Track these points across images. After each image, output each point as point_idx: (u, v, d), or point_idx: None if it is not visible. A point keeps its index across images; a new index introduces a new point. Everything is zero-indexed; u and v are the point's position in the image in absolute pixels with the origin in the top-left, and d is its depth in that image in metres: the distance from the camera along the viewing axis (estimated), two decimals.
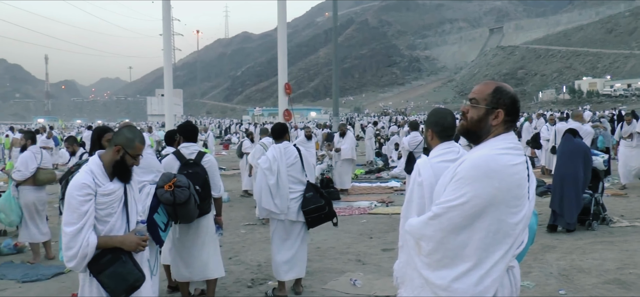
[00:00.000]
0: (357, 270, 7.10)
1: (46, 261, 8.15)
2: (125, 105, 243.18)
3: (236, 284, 6.67)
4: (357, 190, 14.79)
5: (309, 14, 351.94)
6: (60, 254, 3.69)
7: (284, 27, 13.37)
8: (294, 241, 6.06)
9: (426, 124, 3.20)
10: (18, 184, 7.99)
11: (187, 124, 5.89)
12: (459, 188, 2.36)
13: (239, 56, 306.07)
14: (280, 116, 13.23)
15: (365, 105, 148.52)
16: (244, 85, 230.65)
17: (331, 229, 9.48)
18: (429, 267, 2.47)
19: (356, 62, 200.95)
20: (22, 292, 6.74)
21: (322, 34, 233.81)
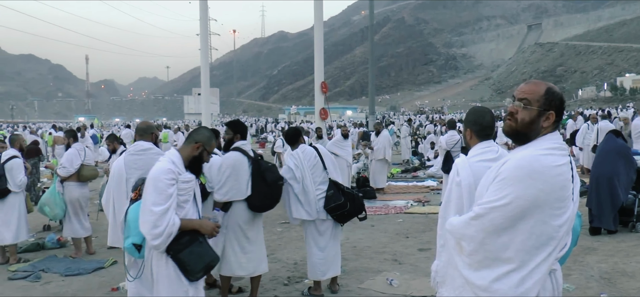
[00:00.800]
0: (394, 270, 7.06)
1: (87, 256, 8.34)
2: (162, 104, 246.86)
3: (272, 282, 6.71)
4: (393, 189, 14.71)
5: (345, 12, 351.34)
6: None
7: (320, 26, 13.38)
8: (327, 239, 6.04)
9: (465, 123, 3.16)
10: (63, 180, 8.21)
11: (241, 122, 5.99)
12: (502, 189, 2.32)
13: (275, 55, 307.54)
14: (317, 115, 13.26)
15: (401, 104, 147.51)
16: (280, 84, 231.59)
17: (367, 228, 9.49)
18: (470, 267, 2.44)
19: (392, 60, 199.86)
20: (65, 286, 6.91)
21: (359, 33, 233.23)
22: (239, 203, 5.52)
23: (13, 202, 8.06)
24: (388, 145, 14.69)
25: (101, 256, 8.29)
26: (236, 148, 5.59)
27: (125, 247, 3.74)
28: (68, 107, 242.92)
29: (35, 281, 7.15)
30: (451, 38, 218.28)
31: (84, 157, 8.40)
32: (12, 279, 7.27)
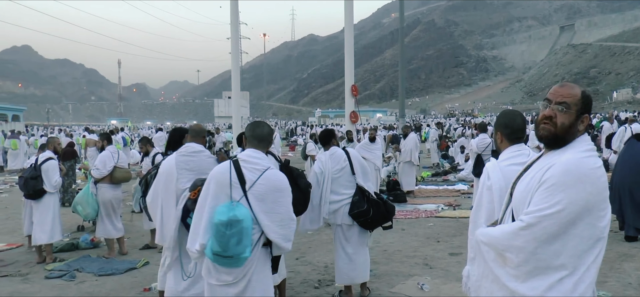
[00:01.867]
0: (425, 274, 7.00)
1: (120, 256, 8.49)
2: (193, 107, 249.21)
3: (303, 285, 6.72)
4: (423, 192, 14.62)
5: (375, 15, 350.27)
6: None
7: (351, 28, 13.35)
8: (354, 245, 6.00)
9: (495, 127, 3.13)
10: (96, 182, 8.38)
11: None
12: (552, 196, 2.27)
13: (305, 58, 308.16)
14: (347, 118, 13.22)
15: (431, 107, 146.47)
16: (310, 88, 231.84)
17: (398, 232, 9.45)
18: (517, 279, 2.36)
19: (422, 63, 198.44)
20: (98, 285, 7.04)
21: (389, 35, 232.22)
22: None
23: (48, 203, 8.26)
24: (415, 148, 14.60)
25: (134, 256, 8.42)
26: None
27: (211, 256, 3.47)
28: (101, 110, 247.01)
29: (70, 280, 7.30)
30: (482, 40, 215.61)
31: (117, 160, 8.58)
32: (49, 278, 7.44)
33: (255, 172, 3.60)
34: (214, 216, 3.43)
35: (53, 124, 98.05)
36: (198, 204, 3.60)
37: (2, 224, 11.74)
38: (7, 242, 9.82)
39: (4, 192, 17.16)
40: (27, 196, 8.33)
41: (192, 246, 3.56)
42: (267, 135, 3.86)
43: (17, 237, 10.24)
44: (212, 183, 3.57)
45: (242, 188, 3.53)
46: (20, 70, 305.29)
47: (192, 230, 3.61)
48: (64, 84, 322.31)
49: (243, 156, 3.70)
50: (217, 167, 3.70)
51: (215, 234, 3.38)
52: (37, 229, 8.21)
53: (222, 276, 3.50)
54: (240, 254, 3.40)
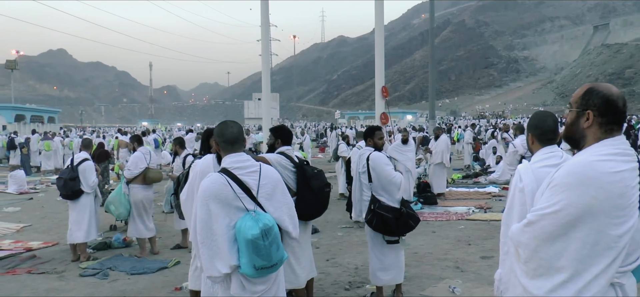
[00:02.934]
0: (456, 277, 6.94)
1: (152, 256, 8.60)
2: (223, 109, 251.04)
3: (333, 286, 6.72)
4: (454, 195, 14.50)
5: (405, 16, 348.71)
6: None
7: (381, 30, 13.31)
8: (383, 246, 5.97)
9: (527, 128, 3.09)
10: (128, 182, 8.51)
11: (284, 127, 5.98)
12: (553, 196, 2.26)
13: (334, 60, 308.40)
14: (377, 120, 13.19)
15: (461, 108, 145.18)
16: (340, 89, 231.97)
17: (428, 234, 9.40)
18: (527, 275, 2.39)
19: (452, 64, 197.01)
20: (131, 284, 7.14)
21: (418, 37, 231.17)
22: None
23: (85, 203, 8.44)
24: (446, 149, 14.47)
25: (165, 256, 8.52)
26: (281, 153, 5.57)
27: (254, 272, 3.34)
28: (132, 112, 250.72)
29: (104, 278, 7.43)
30: (513, 40, 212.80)
31: (149, 161, 8.72)
32: (83, 276, 7.59)
33: (253, 176, 3.48)
34: (242, 232, 3.27)
35: (86, 126, 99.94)
36: (200, 227, 3.30)
37: (39, 222, 12.00)
38: (43, 241, 10.03)
39: (40, 192, 17.54)
40: (65, 196, 8.50)
41: (215, 271, 3.29)
42: (239, 135, 3.60)
43: (53, 235, 10.47)
44: (213, 202, 3.30)
45: (250, 195, 3.42)
46: (55, 73, 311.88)
47: (208, 255, 3.28)
48: (97, 86, 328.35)
49: (232, 163, 3.47)
50: (208, 184, 3.36)
51: (253, 249, 3.24)
52: (74, 228, 8.39)
53: (258, 287, 3.41)
54: (281, 258, 3.38)
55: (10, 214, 13.16)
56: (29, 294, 6.85)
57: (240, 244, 3.28)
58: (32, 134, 28.45)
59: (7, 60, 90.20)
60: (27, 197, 16.40)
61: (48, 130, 41.27)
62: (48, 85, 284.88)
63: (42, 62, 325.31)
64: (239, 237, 3.28)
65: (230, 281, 3.35)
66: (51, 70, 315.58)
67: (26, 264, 8.38)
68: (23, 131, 42.01)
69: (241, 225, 3.28)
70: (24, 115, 67.64)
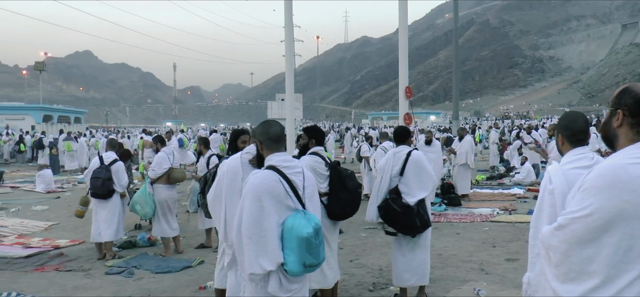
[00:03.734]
0: (481, 279, 6.87)
1: (176, 255, 8.67)
2: (246, 109, 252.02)
3: (358, 287, 6.70)
4: (478, 196, 14.36)
5: (429, 16, 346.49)
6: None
7: (405, 29, 13.23)
8: (412, 246, 5.93)
9: (557, 129, 3.03)
10: (153, 182, 8.59)
11: (317, 127, 5.99)
12: (584, 199, 2.21)
13: (358, 60, 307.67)
14: (401, 120, 13.11)
15: (485, 109, 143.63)
16: (363, 89, 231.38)
17: (453, 236, 9.34)
18: (557, 278, 2.34)
19: (476, 64, 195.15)
20: (155, 282, 7.21)
21: (442, 36, 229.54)
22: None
23: (115, 202, 8.60)
24: (471, 150, 14.37)
25: (189, 255, 8.59)
26: (315, 153, 5.59)
27: (302, 269, 3.37)
28: (156, 113, 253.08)
29: (129, 276, 7.52)
30: (538, 40, 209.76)
31: (172, 161, 8.80)
32: (109, 274, 7.69)
33: (299, 176, 3.51)
34: (296, 230, 3.28)
35: (111, 126, 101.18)
36: (249, 222, 3.30)
37: (66, 221, 12.17)
38: (70, 239, 10.19)
39: (67, 191, 17.80)
40: (99, 195, 8.55)
41: (258, 269, 3.27)
42: (282, 133, 3.63)
43: (79, 234, 10.62)
44: (266, 199, 3.31)
45: (296, 194, 3.43)
46: (82, 75, 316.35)
47: (253, 251, 3.28)
48: (122, 87, 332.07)
49: (280, 162, 3.48)
50: (260, 180, 3.37)
51: (306, 247, 3.27)
52: (103, 227, 8.52)
53: (293, 286, 3.42)
54: (324, 258, 3.44)
55: (39, 213, 13.38)
56: (58, 291, 6.95)
57: (290, 242, 3.28)
58: (59, 134, 28.92)
59: (35, 62, 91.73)
60: (55, 196, 16.66)
61: (73, 130, 41.84)
62: (74, 86, 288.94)
63: (69, 64, 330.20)
64: (289, 235, 3.29)
65: (268, 279, 3.33)
66: (77, 71, 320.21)
67: (54, 262, 8.52)
68: (51, 131, 42.66)
69: (294, 223, 3.29)
70: (52, 116, 68.70)
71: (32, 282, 7.40)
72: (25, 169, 27.09)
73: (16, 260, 8.65)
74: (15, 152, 31.47)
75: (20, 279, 7.61)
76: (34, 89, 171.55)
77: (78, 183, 19.67)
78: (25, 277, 7.67)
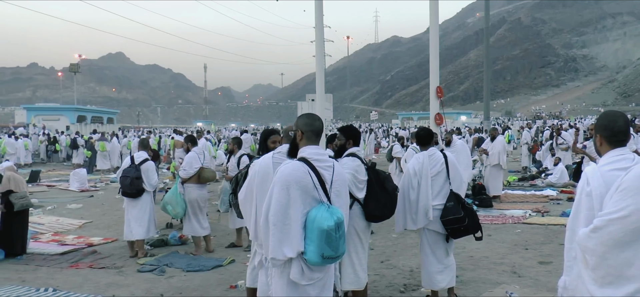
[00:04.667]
0: (513, 282, 6.75)
1: (207, 254, 8.74)
2: (276, 110, 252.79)
3: (388, 288, 6.67)
4: (509, 197, 14.17)
5: (460, 15, 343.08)
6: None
7: (436, 29, 13.10)
8: (442, 250, 5.88)
9: (595, 129, 2.94)
10: (183, 182, 8.68)
11: (354, 127, 5.95)
12: (621, 200, 2.16)
13: (388, 60, 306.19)
14: (432, 121, 13.00)
15: (516, 109, 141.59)
16: (393, 90, 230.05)
17: (484, 237, 9.15)
18: (595, 282, 2.29)
19: (508, 63, 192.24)
20: (186, 280, 7.28)
21: (473, 36, 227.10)
22: (356, 211, 5.42)
23: (146, 201, 8.72)
24: (503, 150, 14.17)
25: (220, 254, 8.65)
26: (352, 154, 5.57)
27: (320, 260, 3.45)
28: (187, 113, 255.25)
29: (160, 274, 7.61)
30: (571, 38, 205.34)
31: (203, 161, 8.87)
32: (140, 272, 7.79)
33: (329, 171, 3.61)
34: (317, 222, 3.38)
35: (143, 127, 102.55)
36: (276, 210, 3.43)
37: (99, 219, 12.39)
38: (103, 237, 10.37)
39: (100, 190, 18.10)
40: (129, 194, 8.71)
41: (280, 254, 3.40)
42: (322, 128, 3.78)
43: (112, 232, 10.80)
44: (294, 189, 3.43)
45: (324, 188, 3.53)
46: (114, 76, 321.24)
47: (277, 237, 3.41)
48: (154, 88, 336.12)
49: (311, 155, 3.60)
50: (290, 170, 3.49)
51: (325, 239, 3.35)
52: (134, 225, 8.64)
53: (315, 274, 3.51)
54: (343, 251, 3.51)
55: (73, 211, 13.64)
56: (91, 288, 7.07)
57: (311, 233, 3.39)
58: (93, 134, 29.44)
59: (70, 64, 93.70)
60: (88, 194, 16.96)
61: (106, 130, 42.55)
62: (107, 87, 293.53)
63: (102, 65, 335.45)
64: (311, 225, 3.39)
65: (290, 266, 3.45)
66: (110, 72, 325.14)
67: (88, 259, 8.68)
68: (84, 131, 43.48)
69: (317, 215, 3.40)
70: (85, 116, 70.10)
71: (67, 278, 7.55)
72: (60, 168, 27.68)
73: (52, 257, 8.85)
74: (50, 152, 32.16)
75: (56, 275, 7.78)
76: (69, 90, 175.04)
77: (110, 182, 19.98)
78: (60, 274, 7.84)
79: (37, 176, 20.66)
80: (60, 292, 6.84)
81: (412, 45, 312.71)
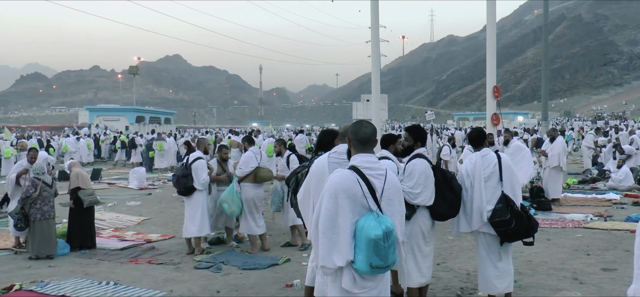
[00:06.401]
0: (574, 289, 6.52)
1: (262, 252, 8.83)
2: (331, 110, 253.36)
3: (445, 291, 6.58)
4: (569, 201, 13.72)
5: (517, 12, 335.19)
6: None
7: (493, 27, 12.84)
8: (496, 253, 5.73)
9: None
10: (240, 181, 8.79)
11: (421, 127, 5.92)
12: None
13: (443, 60, 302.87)
14: (488, 121, 12.75)
15: (576, 109, 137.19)
16: (449, 89, 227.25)
17: (543, 242, 8.97)
18: None
19: (567, 61, 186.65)
20: (242, 278, 7.37)
21: (531, 34, 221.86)
22: (423, 210, 5.44)
23: (198, 199, 8.83)
24: (563, 152, 13.75)
25: (275, 253, 8.71)
26: (420, 155, 5.53)
27: (369, 270, 3.40)
28: (242, 114, 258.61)
29: (217, 271, 7.73)
30: (636, 35, 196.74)
31: (259, 160, 8.96)
32: (197, 268, 7.94)
33: (380, 179, 3.52)
34: (365, 231, 3.33)
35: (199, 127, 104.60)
36: (325, 218, 3.41)
37: (157, 216, 12.71)
38: (161, 234, 10.62)
39: (158, 188, 18.55)
40: (179, 192, 8.98)
41: (330, 263, 3.38)
42: (371, 136, 3.63)
43: (169, 229, 11.06)
44: (342, 197, 3.39)
45: (374, 197, 3.46)
46: (171, 77, 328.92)
47: (327, 246, 3.39)
48: (209, 89, 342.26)
49: (362, 163, 3.52)
50: (339, 179, 3.45)
51: (374, 249, 3.30)
52: (188, 223, 8.83)
53: (367, 283, 3.46)
54: (394, 261, 3.43)
55: (132, 208, 14.03)
56: (150, 282, 7.26)
57: (360, 242, 3.33)
58: (151, 134, 30.21)
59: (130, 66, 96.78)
60: (147, 192, 17.41)
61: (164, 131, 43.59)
62: (164, 89, 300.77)
63: (160, 67, 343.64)
64: (360, 234, 3.33)
65: (341, 274, 3.41)
66: (167, 74, 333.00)
67: (146, 255, 8.91)
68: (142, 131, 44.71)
69: (365, 223, 3.33)
70: (144, 117, 72.03)
71: (127, 273, 7.77)
72: (120, 166, 28.54)
73: (113, 252, 9.15)
74: (111, 151, 33.20)
75: (116, 269, 8.03)
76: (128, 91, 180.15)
77: (167, 181, 20.45)
78: (121, 268, 8.08)
79: (99, 174, 21.39)
80: (120, 286, 7.05)
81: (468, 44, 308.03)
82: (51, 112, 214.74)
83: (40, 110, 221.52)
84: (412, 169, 5.40)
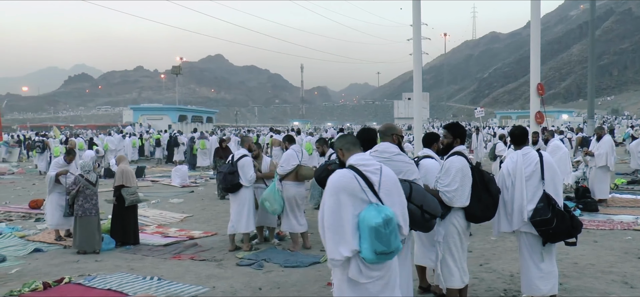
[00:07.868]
0: (624, 294, 6.32)
1: (304, 250, 8.86)
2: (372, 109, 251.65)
3: (488, 292, 6.47)
4: (617, 202, 13.31)
5: (562, 7, 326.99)
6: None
7: (537, 23, 12.57)
8: (539, 254, 5.61)
9: None
10: (281, 179, 8.83)
11: (460, 125, 5.86)
12: None
13: (486, 57, 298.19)
14: (532, 119, 12.49)
15: (624, 107, 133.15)
16: (491, 87, 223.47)
17: (589, 243, 8.75)
18: None
19: (615, 58, 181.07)
20: (284, 276, 7.41)
21: (576, 29, 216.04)
22: (458, 211, 5.37)
23: (244, 196, 8.95)
24: (611, 151, 13.34)
25: (317, 251, 8.71)
26: (459, 153, 5.46)
27: (374, 256, 3.70)
28: (284, 113, 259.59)
29: (259, 268, 7.81)
30: None
31: (301, 158, 8.99)
32: (239, 265, 8.03)
33: (376, 174, 3.87)
34: (366, 220, 3.66)
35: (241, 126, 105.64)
36: (329, 214, 3.73)
37: (199, 214, 12.89)
38: (203, 231, 10.77)
39: (200, 186, 18.81)
40: (225, 189, 9.14)
41: (337, 255, 3.70)
42: (359, 139, 4.30)
43: (211, 226, 11.21)
44: (342, 194, 3.74)
45: (373, 190, 3.79)
46: (213, 77, 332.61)
47: (333, 239, 3.73)
48: (251, 88, 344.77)
49: (357, 161, 3.91)
50: (337, 178, 3.82)
51: (375, 236, 3.62)
52: (234, 219, 8.95)
53: (374, 273, 3.77)
54: (398, 247, 3.75)
55: (175, 205, 14.27)
56: (193, 278, 7.37)
57: (363, 231, 3.67)
58: (193, 133, 30.64)
59: (172, 66, 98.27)
60: (189, 190, 17.67)
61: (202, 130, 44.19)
62: (206, 88, 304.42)
63: (202, 67, 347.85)
64: (362, 225, 3.67)
65: (348, 265, 3.74)
66: (209, 74, 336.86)
67: (189, 251, 9.05)
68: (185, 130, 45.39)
69: (366, 214, 3.68)
70: (186, 116, 73.16)
71: (171, 269, 7.91)
72: (163, 164, 29.05)
73: (157, 247, 9.33)
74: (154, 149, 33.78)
75: (160, 265, 8.19)
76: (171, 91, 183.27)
77: (209, 179, 20.72)
78: (164, 264, 8.22)
79: (142, 172, 21.81)
80: (164, 281, 7.18)
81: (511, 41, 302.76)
82: (97, 111, 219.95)
83: (86, 110, 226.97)
84: (449, 166, 5.34)
